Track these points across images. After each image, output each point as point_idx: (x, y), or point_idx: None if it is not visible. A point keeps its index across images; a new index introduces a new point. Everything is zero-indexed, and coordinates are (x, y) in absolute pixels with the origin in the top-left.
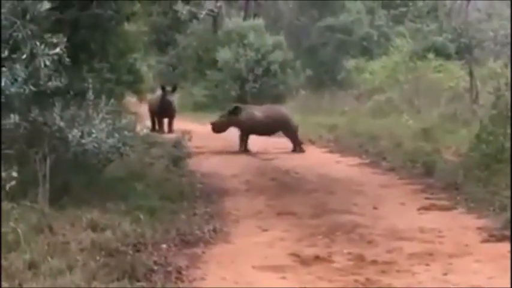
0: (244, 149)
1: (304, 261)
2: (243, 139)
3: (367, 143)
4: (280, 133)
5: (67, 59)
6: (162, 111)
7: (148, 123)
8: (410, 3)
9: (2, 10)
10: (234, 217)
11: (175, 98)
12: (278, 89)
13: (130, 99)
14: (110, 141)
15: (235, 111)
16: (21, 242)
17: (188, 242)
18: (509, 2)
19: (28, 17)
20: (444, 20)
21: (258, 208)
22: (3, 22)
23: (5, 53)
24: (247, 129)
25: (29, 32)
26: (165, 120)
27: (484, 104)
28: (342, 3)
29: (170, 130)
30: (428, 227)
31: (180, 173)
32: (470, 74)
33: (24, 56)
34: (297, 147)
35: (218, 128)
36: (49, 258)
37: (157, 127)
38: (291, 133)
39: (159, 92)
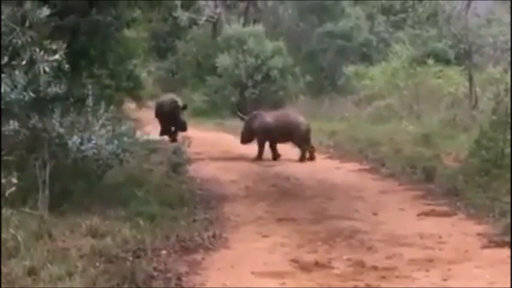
0: (259, 158)
1: (304, 267)
2: (260, 147)
3: (367, 148)
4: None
5: (66, 66)
6: (175, 125)
7: (148, 129)
8: (410, 9)
9: (2, 17)
10: (233, 223)
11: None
12: (278, 94)
13: (130, 105)
14: (110, 147)
15: (243, 119)
16: (21, 249)
17: (188, 248)
18: (508, 8)
19: (27, 23)
20: (444, 25)
21: (257, 214)
22: (3, 28)
23: (5, 60)
24: (260, 137)
25: (29, 39)
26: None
27: (484, 109)
28: (341, 9)
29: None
30: (428, 232)
31: (179, 179)
32: (470, 79)
33: (23, 63)
34: (302, 156)
35: (243, 139)
36: (49, 265)
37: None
38: (298, 141)
39: (167, 97)
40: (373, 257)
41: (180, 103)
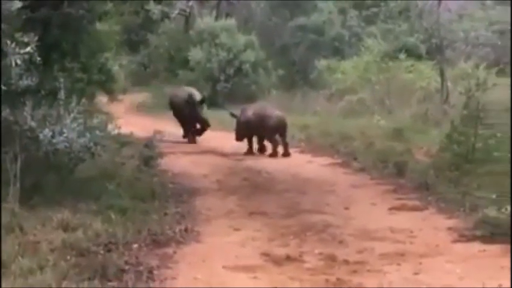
0: (248, 151)
1: (276, 261)
2: (249, 141)
3: (339, 143)
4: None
5: (38, 58)
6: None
7: (119, 122)
8: (382, 4)
9: None
10: (205, 217)
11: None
12: (250, 88)
13: (102, 99)
14: (81, 140)
15: (233, 115)
16: None
17: (159, 241)
18: (479, 4)
19: None
20: (415, 20)
21: (229, 208)
22: None
23: None
24: (242, 131)
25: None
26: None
27: (455, 104)
28: (313, 3)
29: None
30: (399, 227)
31: (151, 172)
32: (441, 74)
33: None
34: (272, 151)
35: (237, 136)
36: (19, 258)
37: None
38: (267, 135)
39: (183, 90)
40: (345, 251)
41: (198, 97)
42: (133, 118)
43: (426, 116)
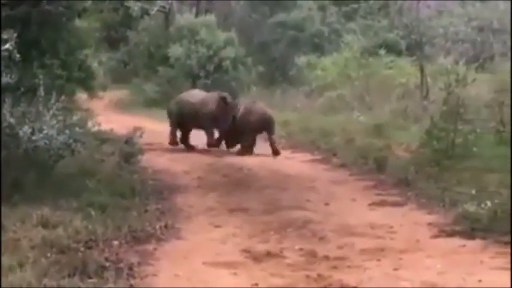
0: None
1: (256, 258)
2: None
3: (319, 139)
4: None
5: (17, 55)
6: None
7: (99, 119)
8: (362, 0)
9: None
10: (186, 213)
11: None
12: (230, 85)
13: (81, 96)
14: (61, 137)
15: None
16: None
17: (140, 238)
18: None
19: None
20: (395, 16)
21: (210, 204)
22: None
23: None
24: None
25: None
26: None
27: (435, 100)
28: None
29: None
30: (379, 222)
31: (131, 169)
32: (421, 70)
33: None
34: (242, 150)
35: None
36: None
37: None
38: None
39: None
40: (325, 247)
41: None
42: (112, 115)
43: (406, 112)
